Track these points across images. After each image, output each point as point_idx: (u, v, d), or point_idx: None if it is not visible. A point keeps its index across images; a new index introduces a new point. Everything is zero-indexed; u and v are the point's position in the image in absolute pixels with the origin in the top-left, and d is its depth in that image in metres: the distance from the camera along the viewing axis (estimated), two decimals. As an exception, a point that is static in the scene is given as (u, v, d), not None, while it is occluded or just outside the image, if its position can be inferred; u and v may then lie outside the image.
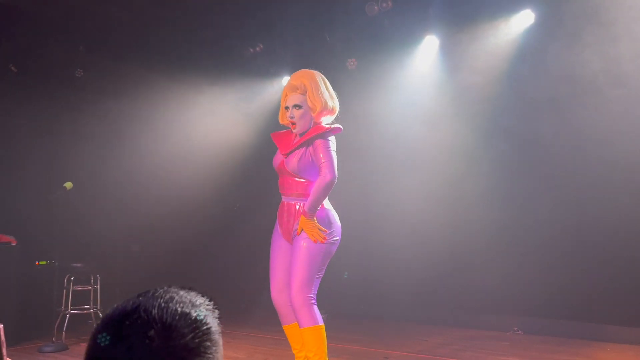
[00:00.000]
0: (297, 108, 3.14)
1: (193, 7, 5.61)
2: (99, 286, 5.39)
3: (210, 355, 0.77)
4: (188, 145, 6.77)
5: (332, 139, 3.13)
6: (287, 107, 3.20)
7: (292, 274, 3.08)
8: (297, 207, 3.17)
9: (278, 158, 3.24)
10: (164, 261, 6.40)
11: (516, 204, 5.45)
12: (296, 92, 3.16)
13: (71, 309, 5.18)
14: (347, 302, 6.52)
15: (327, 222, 3.13)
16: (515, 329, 5.35)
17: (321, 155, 3.04)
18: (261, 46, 6.58)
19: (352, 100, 6.38)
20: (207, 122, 6.95)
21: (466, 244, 5.64)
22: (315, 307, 3.09)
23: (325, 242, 3.08)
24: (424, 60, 6.02)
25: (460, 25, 5.57)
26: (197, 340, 0.76)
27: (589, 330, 4.95)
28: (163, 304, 0.78)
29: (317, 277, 3.12)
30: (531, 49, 5.35)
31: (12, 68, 5.73)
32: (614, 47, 4.78)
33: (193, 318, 0.78)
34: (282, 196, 3.27)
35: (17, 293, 5.02)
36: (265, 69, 6.81)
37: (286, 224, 3.20)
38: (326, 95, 3.14)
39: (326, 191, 3.06)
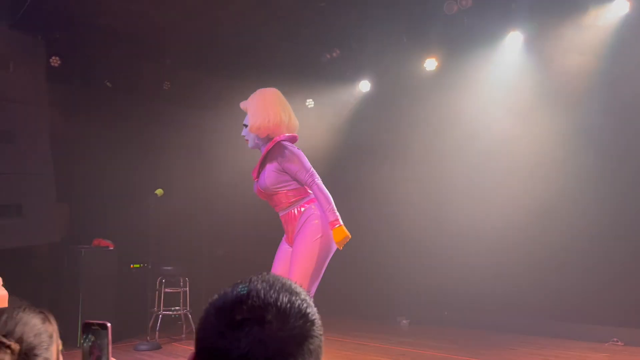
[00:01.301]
0: (244, 127, 3.40)
1: (271, 17, 5.75)
2: (188, 288, 5.64)
3: (319, 340, 0.78)
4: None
5: (290, 147, 3.26)
6: None
7: (288, 275, 3.13)
8: (295, 212, 3.27)
9: (255, 187, 3.41)
10: (245, 264, 6.56)
11: (612, 208, 5.08)
12: (246, 112, 3.41)
13: (163, 310, 5.45)
14: (430, 308, 6.37)
15: (320, 225, 3.16)
16: (615, 339, 5.00)
17: (294, 168, 3.19)
18: (338, 51, 6.62)
19: (433, 101, 6.27)
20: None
21: (559, 249, 5.33)
22: None
23: (318, 245, 3.12)
24: (508, 57, 5.76)
25: (547, 18, 5.28)
26: (308, 324, 0.77)
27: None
28: (271, 290, 0.78)
29: (312, 281, 3.15)
30: (625, 42, 4.98)
31: (107, 84, 6.15)
32: None
33: (300, 304, 0.78)
34: (279, 213, 3.37)
35: (114, 294, 5.36)
36: (343, 73, 6.84)
37: (289, 232, 3.30)
38: (261, 112, 3.28)
39: (326, 194, 3.14)
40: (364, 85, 7.05)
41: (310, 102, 7.38)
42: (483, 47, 5.81)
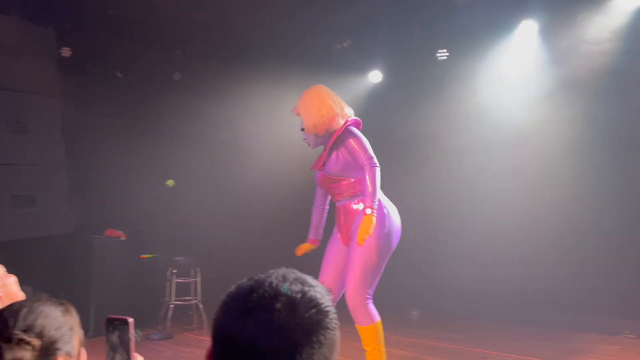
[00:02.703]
0: (302, 130, 3.42)
1: (282, 6, 5.71)
2: (199, 279, 5.67)
3: (332, 331, 0.79)
4: (281, 142, 6.91)
5: (357, 132, 3.29)
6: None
7: (349, 273, 3.12)
8: (353, 206, 3.26)
9: (318, 175, 3.42)
10: (257, 255, 6.59)
11: (626, 201, 5.02)
12: (299, 116, 3.42)
13: (174, 300, 5.49)
14: (441, 299, 6.36)
15: (385, 219, 3.16)
16: (627, 332, 4.96)
17: (356, 150, 3.18)
18: (349, 41, 6.57)
19: (445, 92, 6.22)
20: (295, 118, 7.05)
21: (572, 240, 5.28)
22: (371, 305, 3.15)
23: (382, 239, 3.12)
24: (521, 47, 5.68)
25: (562, 6, 5.19)
26: (319, 315, 0.78)
27: None
28: (285, 281, 0.80)
29: (374, 276, 3.15)
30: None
31: (118, 74, 6.16)
32: None
33: (314, 296, 0.79)
34: (336, 203, 3.38)
35: (125, 284, 5.41)
36: (353, 63, 6.80)
37: (344, 225, 3.28)
38: (313, 112, 3.28)
39: (376, 180, 3.11)
40: (375, 76, 7.00)
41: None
42: (496, 37, 5.73)
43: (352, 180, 3.23)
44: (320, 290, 0.81)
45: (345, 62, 6.71)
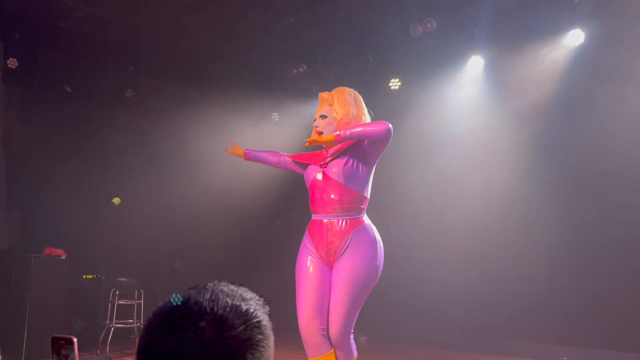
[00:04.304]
0: (322, 118, 3.06)
1: (239, 29, 5.75)
2: (142, 301, 5.49)
3: (262, 349, 0.76)
4: (230, 165, 6.87)
5: None
6: (315, 119, 3.11)
7: (336, 304, 2.79)
8: (344, 224, 2.86)
9: (313, 171, 3.00)
10: (205, 278, 6.45)
11: (569, 229, 5.24)
12: (325, 104, 3.11)
13: (116, 323, 5.29)
14: (388, 326, 6.40)
15: (377, 251, 2.91)
16: (565, 358, 5.12)
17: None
18: (305, 67, 6.66)
19: (396, 120, 6.35)
20: (250, 141, 7.04)
21: (513, 271, 5.46)
22: (353, 340, 2.93)
23: (373, 272, 2.88)
24: (468, 80, 5.94)
25: (507, 45, 5.47)
26: (248, 332, 0.75)
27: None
28: (213, 297, 0.77)
29: (359, 308, 2.88)
30: (581, 70, 5.20)
31: (67, 89, 5.98)
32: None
33: (244, 310, 0.77)
34: (316, 214, 2.95)
35: (65, 305, 5.17)
36: (308, 88, 6.88)
37: (327, 245, 2.86)
38: (352, 106, 3.07)
39: (376, 132, 2.83)
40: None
41: (275, 116, 7.38)
42: (446, 69, 5.96)
43: (356, 193, 2.88)
44: (252, 304, 0.79)
45: (300, 87, 6.79)
